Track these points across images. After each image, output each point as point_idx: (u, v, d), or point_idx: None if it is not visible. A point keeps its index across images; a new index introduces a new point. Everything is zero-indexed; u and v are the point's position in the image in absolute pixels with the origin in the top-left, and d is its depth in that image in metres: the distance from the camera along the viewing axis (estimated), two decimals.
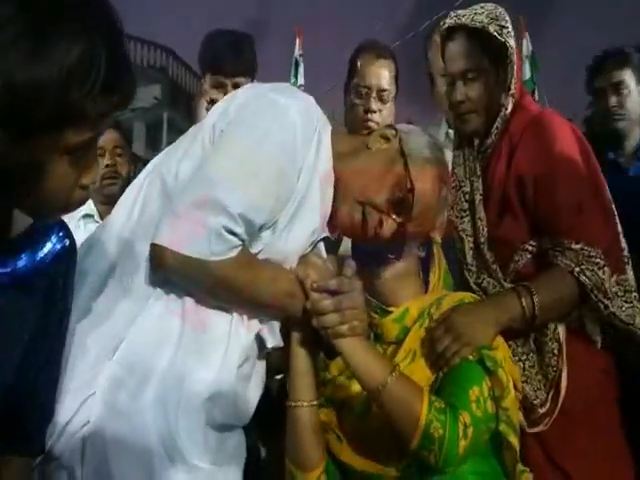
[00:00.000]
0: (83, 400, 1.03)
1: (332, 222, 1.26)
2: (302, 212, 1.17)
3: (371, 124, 2.10)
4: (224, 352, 1.11)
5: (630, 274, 1.48)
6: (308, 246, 1.23)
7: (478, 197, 1.54)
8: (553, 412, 1.39)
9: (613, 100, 2.25)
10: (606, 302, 1.39)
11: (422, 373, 1.28)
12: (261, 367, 1.25)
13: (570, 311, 1.43)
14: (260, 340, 1.19)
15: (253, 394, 1.22)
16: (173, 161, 1.19)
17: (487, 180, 1.55)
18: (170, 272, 1.07)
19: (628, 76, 2.24)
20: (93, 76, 0.69)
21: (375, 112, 2.12)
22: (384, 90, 2.15)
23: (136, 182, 1.23)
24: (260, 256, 1.15)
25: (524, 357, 1.44)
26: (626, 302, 1.44)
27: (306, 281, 1.16)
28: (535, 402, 1.40)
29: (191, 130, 1.26)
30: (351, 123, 2.19)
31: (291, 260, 1.20)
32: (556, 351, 1.42)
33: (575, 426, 1.39)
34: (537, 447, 1.39)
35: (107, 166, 2.38)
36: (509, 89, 1.52)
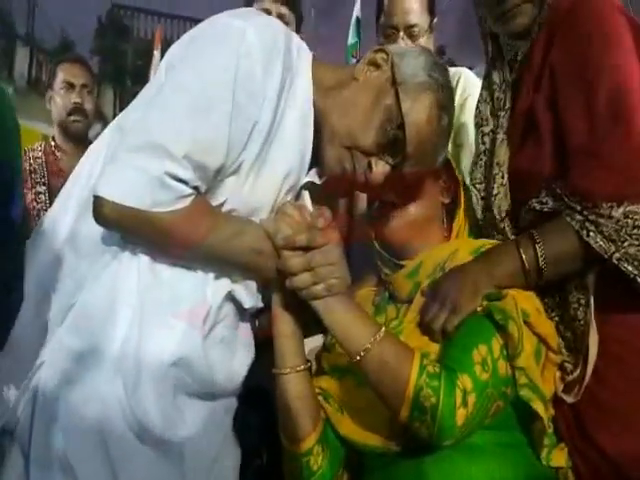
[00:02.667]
0: (33, 371, 0.97)
1: (318, 165, 1.11)
2: (271, 152, 1.03)
3: None
4: (188, 314, 1.01)
5: None
6: (285, 194, 1.09)
7: (501, 136, 1.26)
8: (583, 379, 1.12)
9: None
10: None
11: (429, 338, 1.10)
12: (245, 331, 1.14)
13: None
14: (237, 303, 1.08)
15: (238, 360, 1.12)
16: (132, 108, 1.09)
17: (516, 105, 1.25)
18: (111, 225, 0.97)
19: None
20: None
21: None
22: (413, 26, 1.89)
23: (101, 137, 1.14)
24: (225, 207, 1.03)
25: (549, 311, 1.15)
26: None
27: (276, 236, 1.03)
28: (566, 365, 1.14)
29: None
30: None
31: (263, 212, 1.06)
32: (583, 301, 1.11)
33: (613, 394, 1.11)
34: (571, 417, 1.14)
35: (75, 103, 2.45)
36: None
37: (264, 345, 1.17)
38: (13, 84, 9.97)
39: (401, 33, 1.90)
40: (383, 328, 1.03)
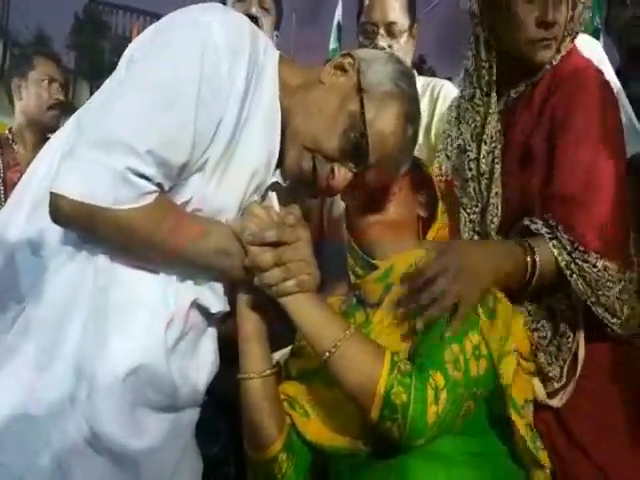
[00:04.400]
0: None
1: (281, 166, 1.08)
2: (237, 150, 1.00)
3: None
4: (149, 318, 0.96)
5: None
6: (251, 195, 1.06)
7: (498, 167, 1.26)
8: (568, 386, 1.16)
9: None
10: (613, 321, 1.13)
11: (399, 337, 1.08)
12: (210, 339, 1.09)
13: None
14: (202, 308, 1.04)
15: (203, 371, 1.07)
16: (92, 102, 1.05)
17: (509, 134, 1.29)
18: (68, 224, 0.93)
19: None
20: None
21: (384, 49, 1.86)
22: (393, 23, 1.89)
23: (61, 131, 1.09)
24: (190, 206, 0.99)
25: (534, 325, 1.19)
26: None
27: (243, 233, 1.00)
28: (550, 375, 1.17)
29: None
30: None
31: (229, 212, 1.03)
32: (571, 320, 1.17)
33: (598, 400, 1.17)
34: (554, 423, 1.18)
35: (57, 99, 2.43)
36: (572, 30, 1.25)
37: (231, 350, 1.14)
38: None
39: (381, 30, 1.89)
40: (353, 326, 1.01)
